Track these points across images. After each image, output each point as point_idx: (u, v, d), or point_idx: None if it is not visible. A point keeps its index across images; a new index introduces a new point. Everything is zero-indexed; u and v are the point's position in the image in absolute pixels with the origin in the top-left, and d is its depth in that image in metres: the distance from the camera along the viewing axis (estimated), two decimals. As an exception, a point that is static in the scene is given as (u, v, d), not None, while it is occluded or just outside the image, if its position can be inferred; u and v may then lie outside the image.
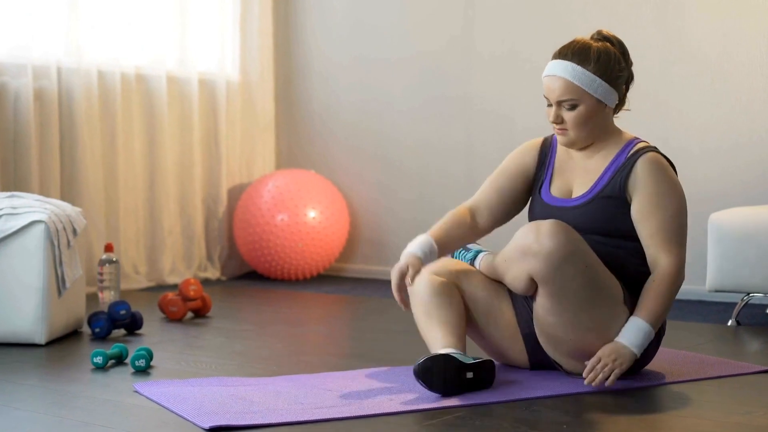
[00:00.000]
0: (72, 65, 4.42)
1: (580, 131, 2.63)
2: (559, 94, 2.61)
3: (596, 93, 2.61)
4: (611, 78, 2.63)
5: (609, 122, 2.70)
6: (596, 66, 2.60)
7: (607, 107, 2.65)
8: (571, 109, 2.61)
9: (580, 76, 2.59)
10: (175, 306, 3.75)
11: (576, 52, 2.62)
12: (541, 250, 2.46)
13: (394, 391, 2.52)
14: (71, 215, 3.43)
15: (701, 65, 4.37)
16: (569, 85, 2.60)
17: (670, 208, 2.59)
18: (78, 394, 2.57)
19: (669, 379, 2.66)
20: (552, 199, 2.71)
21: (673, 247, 2.57)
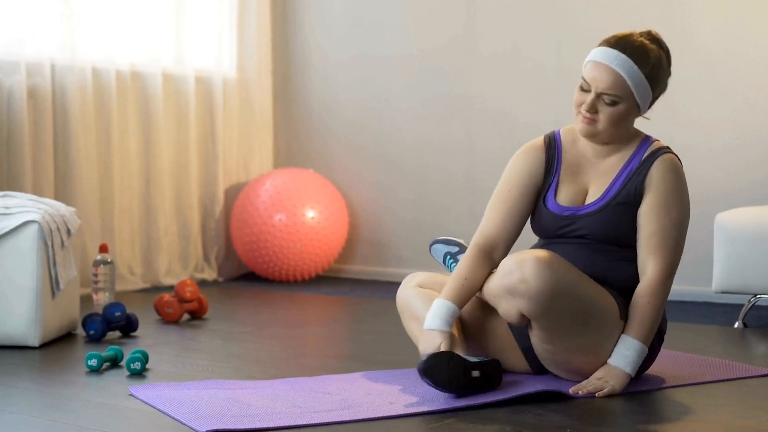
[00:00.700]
0: (66, 62, 4.41)
1: (610, 128, 2.58)
2: (606, 85, 2.54)
3: (640, 97, 2.58)
4: (656, 85, 2.61)
5: (632, 126, 2.68)
6: (651, 70, 2.57)
7: (640, 112, 2.63)
8: (610, 105, 2.56)
9: (634, 75, 2.55)
10: (171, 308, 3.75)
11: (634, 49, 2.56)
12: (528, 290, 2.41)
13: (394, 394, 2.52)
14: (65, 215, 3.43)
15: (707, 63, 4.37)
16: (621, 80, 2.54)
17: (674, 214, 2.57)
18: (72, 397, 2.57)
19: (674, 382, 2.66)
20: (559, 208, 2.64)
21: (665, 254, 2.55)
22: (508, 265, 2.46)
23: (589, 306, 2.48)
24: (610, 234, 2.59)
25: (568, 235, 2.64)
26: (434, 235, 5.01)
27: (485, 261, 2.64)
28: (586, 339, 2.50)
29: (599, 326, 2.50)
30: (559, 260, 2.46)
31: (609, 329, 2.52)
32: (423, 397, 2.48)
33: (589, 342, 2.51)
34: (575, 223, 2.62)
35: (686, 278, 4.34)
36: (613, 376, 2.50)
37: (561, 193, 2.65)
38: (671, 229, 2.56)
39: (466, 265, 2.63)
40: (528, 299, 2.42)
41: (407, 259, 5.11)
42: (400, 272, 5.08)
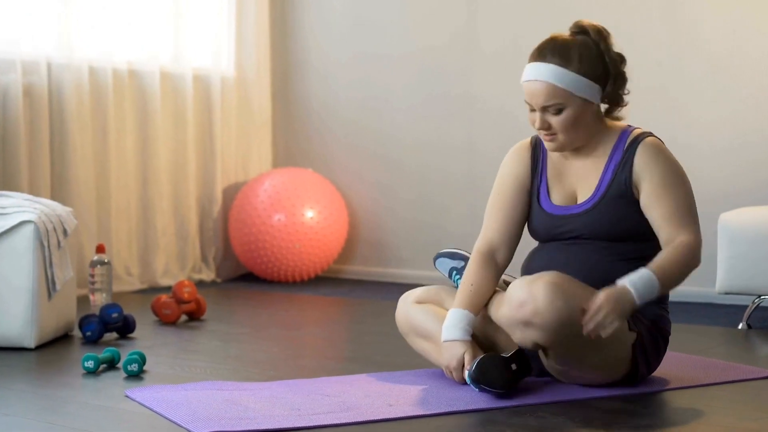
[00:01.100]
0: (62, 60, 4.41)
1: (569, 135, 2.57)
2: (543, 99, 2.54)
3: (583, 93, 2.54)
4: (596, 74, 2.55)
5: (600, 119, 2.63)
6: (579, 64, 2.53)
7: (594, 104, 2.59)
8: (557, 114, 2.55)
9: (564, 77, 2.52)
10: (169, 309, 3.75)
11: (555, 52, 2.55)
12: (543, 323, 2.39)
13: (394, 396, 2.52)
14: (61, 215, 3.43)
15: (709, 61, 4.37)
16: (553, 89, 2.53)
17: (681, 189, 2.56)
18: (69, 399, 2.56)
19: (678, 384, 2.66)
20: (554, 208, 2.64)
21: (691, 227, 2.53)
22: (520, 296, 2.41)
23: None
24: (607, 230, 2.58)
25: (564, 236, 2.63)
26: (435, 235, 5.04)
27: (489, 265, 2.67)
28: (599, 356, 2.50)
29: (612, 342, 2.48)
30: (568, 283, 2.44)
31: (622, 342, 2.50)
32: (423, 399, 2.48)
33: (602, 358, 2.51)
34: (570, 224, 2.61)
35: (689, 279, 4.29)
36: (621, 299, 2.40)
37: (554, 194, 2.66)
38: (685, 202, 2.55)
39: (471, 271, 2.66)
40: (543, 331, 2.41)
41: (407, 259, 5.10)
42: (400, 273, 5.08)
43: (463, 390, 2.55)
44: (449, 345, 2.59)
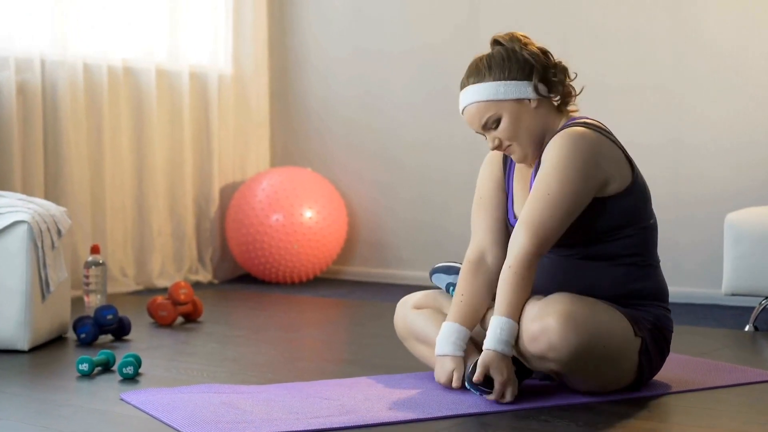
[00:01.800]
0: (57, 58, 4.41)
1: (519, 140, 2.58)
2: (478, 119, 2.60)
3: (506, 95, 2.57)
4: (513, 74, 2.57)
5: (550, 115, 2.61)
6: (491, 73, 2.59)
7: (531, 101, 2.58)
8: (497, 126, 2.59)
9: (482, 91, 2.59)
10: (165, 310, 3.75)
11: (471, 73, 2.63)
12: (559, 357, 2.41)
13: (394, 399, 2.52)
14: (55, 215, 3.43)
15: (715, 59, 4.37)
16: (479, 106, 2.60)
17: (554, 186, 2.47)
18: (63, 402, 2.57)
19: (682, 387, 2.66)
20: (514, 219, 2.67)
21: (535, 228, 2.46)
22: (532, 331, 2.42)
23: (613, 341, 2.47)
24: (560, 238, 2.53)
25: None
26: (436, 235, 5.04)
27: (479, 272, 2.68)
28: (612, 371, 2.51)
29: (620, 354, 2.50)
30: (580, 307, 2.43)
31: (631, 352, 2.51)
32: (424, 402, 2.48)
33: (614, 373, 2.52)
34: None
35: (695, 280, 4.34)
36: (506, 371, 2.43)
37: (516, 203, 2.68)
38: (543, 202, 2.47)
39: (461, 282, 2.68)
40: (559, 363, 2.43)
41: (408, 260, 5.11)
42: (400, 274, 5.08)
43: (465, 394, 2.55)
44: (440, 360, 2.62)
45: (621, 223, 2.56)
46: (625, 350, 2.50)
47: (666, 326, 2.62)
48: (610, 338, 2.46)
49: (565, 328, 2.39)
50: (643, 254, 2.60)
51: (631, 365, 2.53)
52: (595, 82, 4.59)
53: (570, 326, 2.39)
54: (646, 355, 2.54)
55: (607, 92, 4.56)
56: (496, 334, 2.45)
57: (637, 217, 2.58)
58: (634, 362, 2.53)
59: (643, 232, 2.60)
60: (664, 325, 2.61)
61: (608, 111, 4.54)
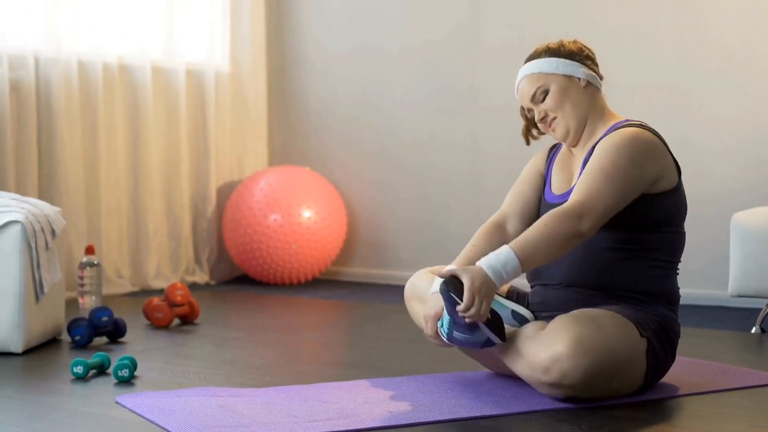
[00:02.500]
0: (50, 55, 4.42)
1: (563, 111, 2.70)
2: (528, 91, 2.74)
3: (558, 70, 2.71)
4: (567, 55, 2.74)
5: (595, 103, 2.75)
6: (548, 52, 2.75)
7: (581, 81, 2.72)
8: (544, 98, 2.72)
9: (536, 65, 2.73)
10: (161, 312, 3.75)
11: (533, 54, 2.78)
12: (574, 384, 2.41)
13: (394, 403, 2.52)
14: (50, 215, 3.43)
15: (721, 56, 4.37)
16: (532, 78, 2.74)
17: (608, 168, 2.52)
18: (57, 406, 2.57)
19: (688, 390, 2.66)
20: (553, 198, 2.75)
21: (590, 200, 2.48)
22: (543, 362, 2.42)
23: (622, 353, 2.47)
24: None
25: None
26: (436, 236, 5.04)
27: (494, 232, 2.76)
28: (619, 378, 2.51)
29: (629, 363, 2.50)
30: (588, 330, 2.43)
31: (636, 357, 2.51)
32: (424, 406, 2.48)
33: (621, 378, 2.51)
34: None
35: (701, 281, 4.34)
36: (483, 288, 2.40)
37: (554, 184, 2.78)
38: (603, 177, 2.51)
39: (477, 234, 2.76)
40: (573, 389, 2.43)
41: (408, 261, 5.11)
42: (400, 275, 5.08)
43: (466, 397, 2.55)
44: (434, 295, 2.58)
45: (664, 219, 2.63)
46: (634, 357, 2.51)
47: (672, 327, 2.63)
48: (619, 351, 2.47)
49: (576, 353, 2.40)
50: (672, 258, 2.67)
51: (639, 371, 2.53)
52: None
53: (580, 351, 2.40)
54: (653, 357, 2.54)
55: (611, 91, 4.53)
56: (492, 258, 2.44)
57: (677, 219, 2.67)
58: (641, 367, 2.53)
59: (678, 237, 2.68)
60: (671, 327, 2.62)
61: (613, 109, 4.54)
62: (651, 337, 2.55)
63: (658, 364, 2.58)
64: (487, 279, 2.42)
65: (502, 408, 2.46)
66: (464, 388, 2.66)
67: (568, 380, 2.42)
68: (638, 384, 2.56)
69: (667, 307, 2.65)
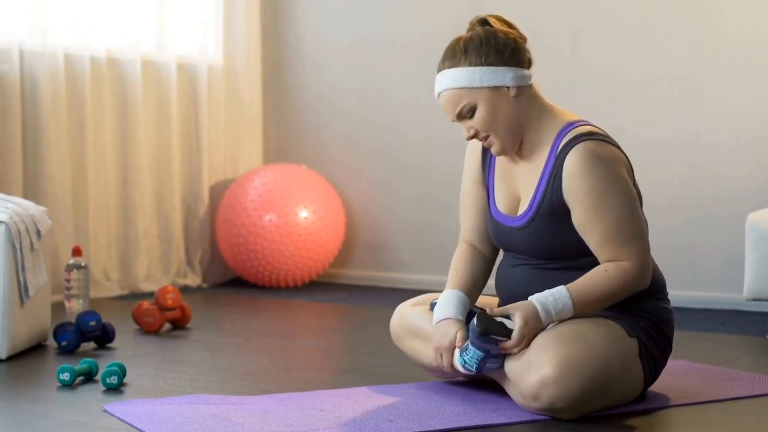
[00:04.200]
0: (36, 48, 4.42)
1: (496, 130, 2.56)
2: (452, 107, 2.58)
3: (483, 83, 2.54)
4: (491, 59, 2.55)
5: (531, 104, 2.61)
6: (467, 58, 2.56)
7: (510, 89, 2.56)
8: (472, 115, 2.57)
9: (458, 77, 2.55)
10: (151, 316, 3.75)
11: (446, 56, 2.59)
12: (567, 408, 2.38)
13: (394, 411, 2.53)
14: (35, 215, 3.43)
15: (736, 50, 4.37)
16: (454, 93, 2.56)
17: (615, 210, 2.47)
18: (43, 414, 2.57)
19: (700, 398, 2.66)
20: (498, 215, 2.66)
21: (631, 250, 2.46)
22: (531, 389, 2.40)
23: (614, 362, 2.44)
24: (546, 250, 2.55)
25: (513, 249, 2.64)
26: (438, 236, 5.04)
27: (471, 251, 2.73)
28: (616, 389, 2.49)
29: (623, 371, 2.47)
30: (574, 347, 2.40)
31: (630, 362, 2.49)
32: (426, 414, 2.49)
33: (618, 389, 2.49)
34: (511, 238, 2.62)
35: (714, 284, 4.35)
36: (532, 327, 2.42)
37: (499, 198, 2.68)
38: (622, 226, 2.47)
39: (455, 258, 2.72)
40: (569, 412, 2.41)
41: (409, 263, 5.11)
42: (401, 277, 5.09)
43: (469, 405, 2.56)
44: (441, 325, 2.57)
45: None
46: (627, 364, 2.47)
47: (662, 318, 2.58)
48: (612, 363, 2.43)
49: (563, 377, 2.36)
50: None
51: (636, 376, 2.51)
52: (608, 75, 4.61)
53: (567, 373, 2.37)
54: (647, 357, 2.53)
55: (621, 86, 4.57)
56: (549, 300, 2.43)
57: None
58: (638, 371, 2.51)
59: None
60: (660, 318, 2.58)
61: (622, 106, 4.55)
62: (641, 336, 2.52)
63: (654, 363, 2.55)
64: (537, 319, 2.43)
65: (507, 416, 2.46)
66: (467, 395, 2.67)
67: (561, 404, 2.38)
68: (639, 388, 2.54)
69: (655, 297, 2.59)
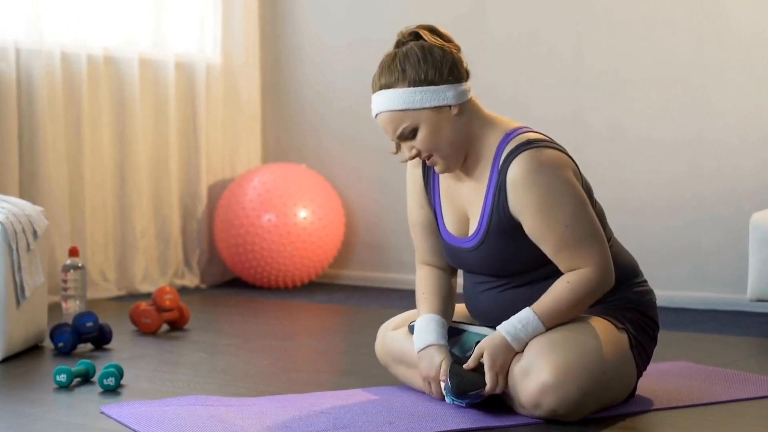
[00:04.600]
0: (32, 46, 4.42)
1: (440, 150, 2.49)
2: (392, 129, 2.49)
3: (424, 104, 2.46)
4: (430, 78, 2.47)
5: (472, 118, 2.53)
6: (405, 77, 2.47)
7: (452, 107, 2.48)
8: (414, 136, 2.48)
9: (396, 99, 2.46)
10: (149, 317, 3.76)
11: (381, 75, 2.50)
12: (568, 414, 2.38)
13: (394, 413, 2.53)
14: (31, 215, 3.43)
15: (739, 47, 4.37)
16: (394, 115, 2.47)
17: (566, 216, 2.42)
18: (40, 416, 2.57)
19: (705, 399, 2.66)
20: (449, 236, 2.62)
21: (588, 253, 2.43)
22: (529, 398, 2.39)
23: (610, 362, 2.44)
24: (501, 268, 2.52)
25: (471, 270, 2.63)
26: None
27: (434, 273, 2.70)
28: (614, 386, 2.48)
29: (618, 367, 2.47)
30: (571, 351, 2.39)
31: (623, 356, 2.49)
32: (426, 416, 2.49)
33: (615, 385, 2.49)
34: (465, 259, 2.60)
35: (718, 284, 4.34)
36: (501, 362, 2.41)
37: (447, 219, 2.64)
38: (573, 231, 2.43)
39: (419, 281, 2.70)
40: (570, 416, 2.40)
41: (409, 263, 5.10)
42: (401, 278, 5.09)
43: (469, 407, 2.56)
44: (424, 354, 2.57)
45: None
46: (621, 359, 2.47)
47: (644, 301, 2.58)
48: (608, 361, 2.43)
49: (561, 383, 2.36)
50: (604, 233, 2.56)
51: (631, 370, 2.51)
52: (610, 74, 4.61)
53: (564, 380, 2.36)
54: (637, 349, 2.54)
55: (624, 85, 4.57)
56: (518, 328, 2.42)
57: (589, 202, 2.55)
58: (631, 366, 2.51)
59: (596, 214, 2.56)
60: (643, 302, 2.58)
61: (625, 105, 4.55)
62: (629, 329, 2.52)
63: (645, 353, 2.57)
64: (509, 350, 2.43)
65: (507, 419, 2.46)
66: (468, 397, 2.66)
67: (563, 410, 2.37)
68: (633, 381, 2.55)
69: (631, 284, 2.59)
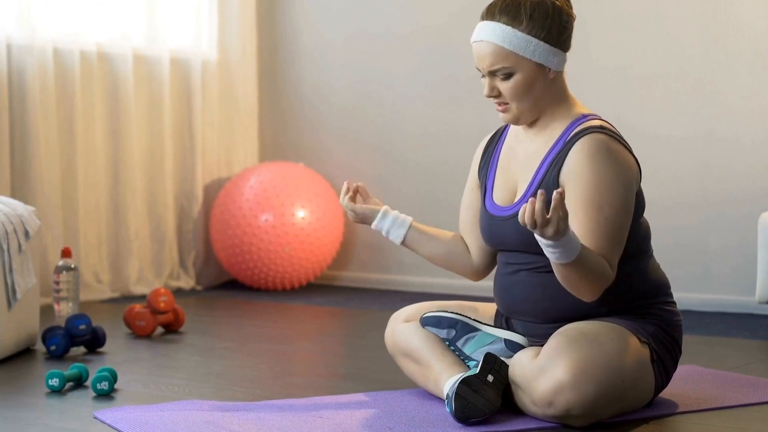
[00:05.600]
0: (24, 41, 4.42)
1: (521, 103, 2.54)
2: (490, 62, 2.52)
3: (534, 56, 2.50)
4: (551, 36, 2.51)
5: (558, 89, 2.59)
6: (530, 24, 2.50)
7: (551, 71, 2.54)
8: (506, 79, 2.53)
9: (512, 38, 2.49)
10: (143, 320, 3.76)
11: (505, 9, 2.52)
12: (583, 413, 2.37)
13: (394, 418, 2.53)
14: (23, 215, 3.44)
15: (750, 43, 4.37)
16: (500, 51, 2.51)
17: (607, 208, 2.44)
18: (31, 421, 2.58)
19: (712, 404, 2.67)
20: (494, 208, 2.64)
21: (609, 252, 2.43)
22: (544, 395, 2.38)
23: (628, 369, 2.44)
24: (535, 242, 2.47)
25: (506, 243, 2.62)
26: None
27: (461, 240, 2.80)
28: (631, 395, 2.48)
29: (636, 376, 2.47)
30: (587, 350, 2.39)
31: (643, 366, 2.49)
32: (426, 421, 2.49)
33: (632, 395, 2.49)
34: (506, 230, 2.59)
35: (727, 287, 4.35)
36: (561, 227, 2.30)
37: (497, 189, 2.67)
38: (606, 225, 2.43)
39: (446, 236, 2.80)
40: (581, 419, 2.40)
41: (410, 264, 5.11)
42: (402, 280, 5.09)
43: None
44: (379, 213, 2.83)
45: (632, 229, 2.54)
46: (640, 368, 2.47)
47: (671, 322, 2.59)
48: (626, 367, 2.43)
49: (579, 382, 2.36)
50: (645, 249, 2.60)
51: (648, 382, 2.51)
52: (617, 69, 4.61)
53: (582, 378, 2.36)
54: (658, 364, 2.54)
55: (631, 80, 4.57)
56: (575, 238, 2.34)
57: (638, 217, 2.59)
58: (649, 378, 2.51)
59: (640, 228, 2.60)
60: (670, 322, 2.58)
61: (631, 101, 4.55)
62: (651, 343, 2.52)
63: (665, 370, 2.57)
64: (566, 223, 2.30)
65: (513, 424, 2.47)
66: (470, 402, 2.67)
67: (576, 411, 2.37)
68: (650, 395, 2.54)
69: (661, 301, 2.60)
